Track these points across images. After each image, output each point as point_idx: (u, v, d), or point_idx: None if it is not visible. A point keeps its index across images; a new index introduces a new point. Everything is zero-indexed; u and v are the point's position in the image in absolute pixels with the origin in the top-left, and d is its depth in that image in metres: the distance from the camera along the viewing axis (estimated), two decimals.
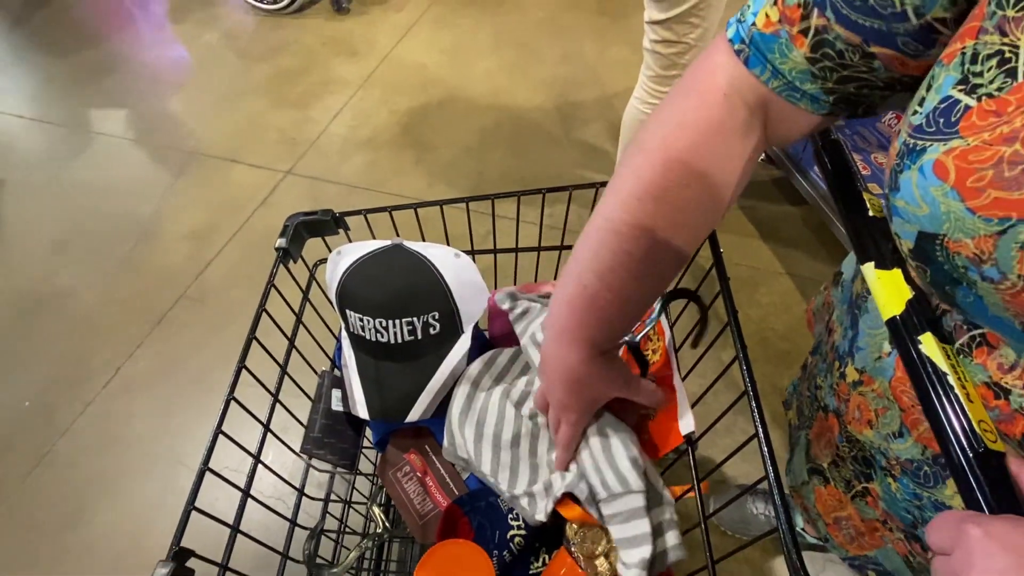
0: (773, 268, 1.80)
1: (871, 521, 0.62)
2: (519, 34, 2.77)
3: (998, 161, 0.30)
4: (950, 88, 0.33)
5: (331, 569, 0.71)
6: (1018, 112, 0.30)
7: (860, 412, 0.57)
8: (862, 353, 0.56)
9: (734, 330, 0.59)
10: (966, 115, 0.32)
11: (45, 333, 1.80)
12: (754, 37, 0.43)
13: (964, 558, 0.32)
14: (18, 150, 2.44)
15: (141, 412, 1.61)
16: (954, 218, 0.33)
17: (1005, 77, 0.30)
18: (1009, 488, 0.36)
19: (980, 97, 0.31)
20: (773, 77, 0.43)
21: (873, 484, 0.58)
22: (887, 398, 0.52)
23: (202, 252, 1.97)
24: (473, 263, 0.75)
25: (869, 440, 0.56)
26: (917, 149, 0.34)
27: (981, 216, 0.32)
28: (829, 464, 0.67)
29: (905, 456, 0.52)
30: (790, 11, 0.40)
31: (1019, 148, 0.30)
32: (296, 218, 0.80)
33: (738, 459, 0.55)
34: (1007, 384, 0.40)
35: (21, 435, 1.58)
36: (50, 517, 1.44)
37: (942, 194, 0.33)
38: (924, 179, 0.34)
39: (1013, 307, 0.34)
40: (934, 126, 0.34)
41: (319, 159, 2.27)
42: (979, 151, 0.31)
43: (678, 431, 0.62)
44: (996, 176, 0.31)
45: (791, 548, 0.46)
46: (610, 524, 0.59)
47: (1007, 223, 0.31)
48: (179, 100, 2.62)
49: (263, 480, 0.67)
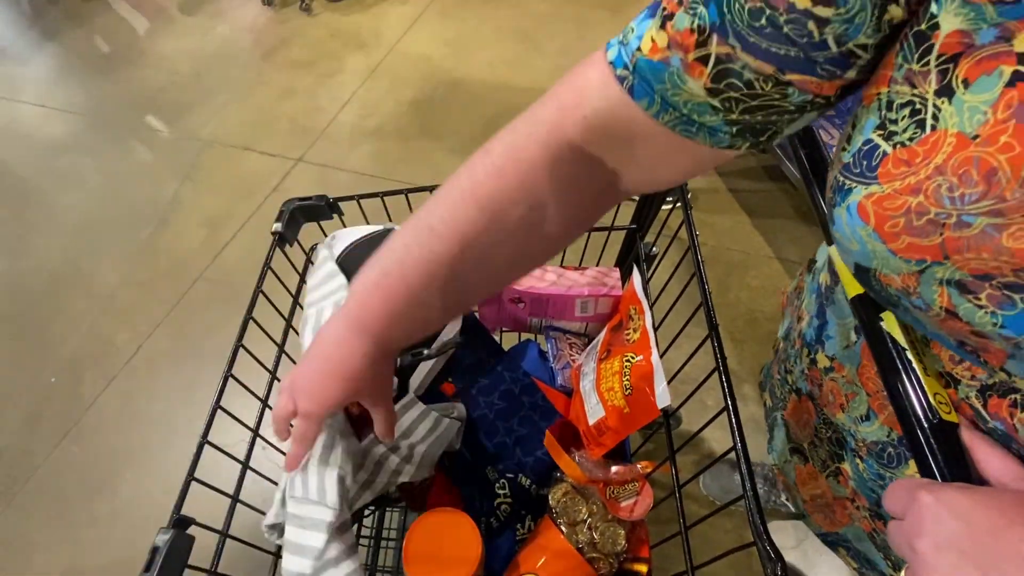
0: (763, 252, 1.86)
1: (841, 499, 0.64)
2: (521, 26, 2.82)
3: (907, 210, 0.31)
4: (871, 131, 0.33)
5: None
6: (923, 163, 0.30)
7: (833, 396, 0.58)
8: (831, 342, 0.58)
9: (707, 311, 0.63)
10: (883, 161, 0.32)
11: (70, 313, 1.88)
12: (639, 64, 0.37)
13: (915, 523, 0.33)
14: (40, 138, 2.52)
15: (162, 388, 1.69)
16: (879, 256, 0.34)
17: (916, 128, 0.30)
18: (961, 457, 0.37)
19: (895, 144, 0.32)
20: (663, 111, 0.37)
21: (844, 464, 0.60)
22: (855, 383, 0.54)
23: (218, 237, 2.05)
24: None
25: (841, 423, 0.57)
26: (845, 188, 0.35)
27: (901, 257, 0.32)
28: (808, 444, 0.68)
29: (872, 438, 0.53)
30: (681, 36, 0.35)
31: (922, 200, 0.30)
32: (292, 203, 0.82)
33: (728, 435, 0.56)
34: (957, 375, 0.40)
35: (49, 409, 1.67)
36: (78, 486, 1.53)
37: (866, 235, 0.34)
38: (851, 218, 0.34)
39: (944, 329, 0.35)
40: (859, 167, 0.34)
41: (329, 147, 2.34)
42: (892, 199, 0.32)
43: (655, 405, 0.64)
44: (907, 224, 0.31)
45: (755, 512, 0.48)
46: (288, 523, 0.58)
47: (923, 264, 0.32)
48: (194, 90, 2.69)
49: (268, 455, 0.72)
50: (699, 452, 1.41)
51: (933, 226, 0.30)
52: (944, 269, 0.31)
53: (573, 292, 0.82)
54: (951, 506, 0.32)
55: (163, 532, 0.55)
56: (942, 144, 0.29)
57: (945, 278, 0.31)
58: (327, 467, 0.59)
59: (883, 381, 0.42)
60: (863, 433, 0.54)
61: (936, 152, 0.30)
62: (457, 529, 0.63)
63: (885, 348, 0.42)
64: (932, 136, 0.30)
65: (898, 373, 0.41)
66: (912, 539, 0.32)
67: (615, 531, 0.64)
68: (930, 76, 0.29)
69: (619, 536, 0.64)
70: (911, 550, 0.33)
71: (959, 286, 0.31)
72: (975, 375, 0.39)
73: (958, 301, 0.32)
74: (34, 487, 1.53)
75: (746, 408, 1.48)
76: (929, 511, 0.32)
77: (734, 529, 1.29)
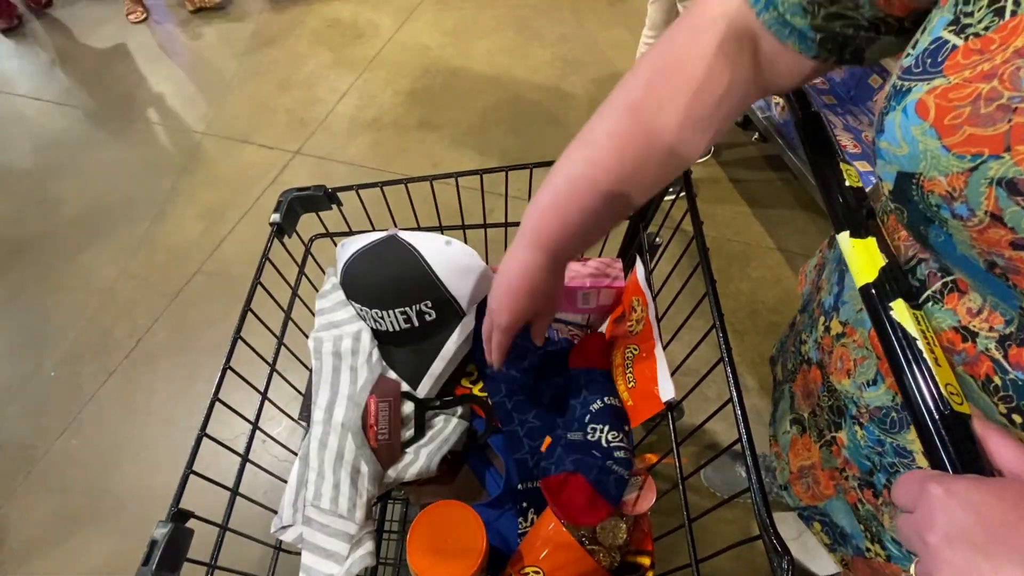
0: (765, 243, 1.85)
1: (830, 470, 0.65)
2: (520, 16, 2.80)
3: (976, 98, 0.31)
4: (942, 29, 0.34)
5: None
6: (1000, 49, 0.30)
7: (841, 363, 0.58)
8: (846, 306, 0.58)
9: (712, 299, 0.62)
10: (951, 55, 0.33)
11: (69, 307, 1.88)
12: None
13: (926, 516, 0.32)
14: (37, 132, 2.51)
15: (162, 381, 1.69)
16: (930, 156, 0.34)
17: (993, 16, 0.31)
18: (973, 449, 0.36)
19: (967, 36, 0.32)
20: (766, 9, 0.43)
21: (840, 433, 0.60)
22: (866, 347, 0.54)
23: (216, 229, 2.04)
24: (467, 248, 0.76)
25: (845, 389, 0.58)
26: (903, 90, 0.35)
27: (955, 153, 0.33)
28: (809, 414, 0.68)
29: (875, 403, 0.53)
30: None
31: (996, 85, 0.30)
32: (289, 193, 0.80)
33: (730, 427, 0.56)
34: (974, 328, 0.40)
35: (50, 403, 1.67)
36: (80, 478, 1.53)
37: (921, 133, 0.34)
38: (907, 119, 0.35)
39: (979, 244, 0.35)
40: (921, 67, 0.34)
41: (327, 139, 2.33)
42: (959, 89, 0.32)
43: (658, 397, 0.64)
44: (972, 113, 0.31)
45: (761, 506, 0.48)
46: (311, 527, 0.64)
47: (979, 159, 0.32)
48: (191, 83, 2.68)
49: (268, 449, 0.72)
50: (700, 444, 1.41)
51: (1003, 112, 0.31)
52: (1000, 164, 0.31)
53: (575, 283, 0.81)
54: (962, 498, 0.31)
55: (161, 525, 0.54)
56: (1022, 28, 0.30)
57: (997, 176, 0.31)
58: (356, 489, 0.66)
59: (893, 373, 0.41)
60: (867, 399, 0.54)
61: (1016, 36, 0.30)
62: (461, 522, 0.63)
63: (895, 339, 0.42)
64: (1012, 21, 0.30)
65: (908, 364, 0.40)
66: (923, 532, 0.32)
67: (616, 524, 0.64)
68: None
69: (620, 530, 0.64)
70: (922, 543, 0.32)
71: (1010, 187, 0.31)
72: (993, 326, 0.39)
73: (1005, 204, 0.32)
74: (34, 480, 1.53)
75: (747, 399, 1.44)
76: (940, 503, 0.32)
77: (735, 520, 1.29)
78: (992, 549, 0.29)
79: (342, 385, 0.73)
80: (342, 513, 0.64)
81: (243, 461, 0.69)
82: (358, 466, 0.67)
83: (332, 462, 0.67)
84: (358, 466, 0.67)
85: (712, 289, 0.64)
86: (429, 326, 0.75)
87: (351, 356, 0.75)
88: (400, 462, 0.70)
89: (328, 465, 0.67)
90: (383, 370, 0.74)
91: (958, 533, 0.30)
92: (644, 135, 0.50)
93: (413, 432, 0.73)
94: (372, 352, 0.75)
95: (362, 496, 0.66)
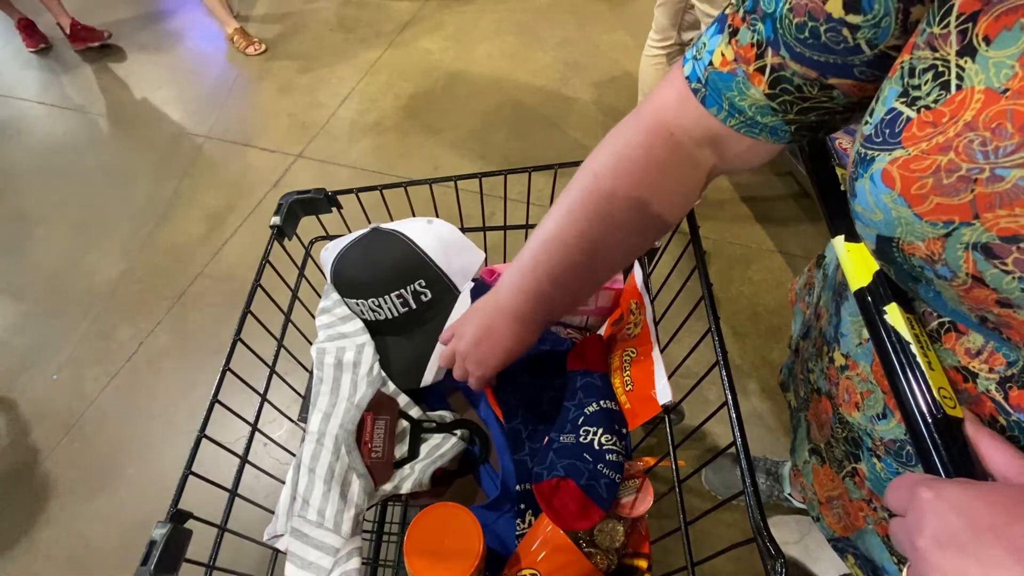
0: (765, 246, 1.85)
1: (858, 502, 0.63)
2: (521, 20, 2.81)
3: (936, 169, 0.31)
4: (894, 100, 0.34)
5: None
6: (951, 123, 0.31)
7: (848, 395, 0.57)
8: (846, 339, 0.57)
9: (708, 303, 0.62)
10: (907, 126, 0.33)
11: (71, 310, 1.88)
12: (711, 76, 0.44)
13: (916, 520, 0.32)
14: (39, 136, 2.52)
15: (163, 385, 1.70)
16: (904, 223, 0.34)
17: (940, 90, 0.31)
18: (965, 452, 0.36)
19: (919, 109, 0.32)
20: (730, 116, 0.45)
21: (860, 464, 0.59)
22: (870, 381, 0.53)
23: (218, 233, 2.05)
24: (448, 223, 0.77)
25: (856, 422, 0.57)
26: (867, 159, 0.35)
27: (927, 220, 0.32)
28: (825, 445, 0.67)
29: (889, 436, 0.52)
30: (744, 50, 0.41)
31: (953, 157, 0.31)
32: (290, 196, 0.81)
33: (729, 429, 0.56)
34: (974, 368, 0.40)
35: (52, 406, 1.67)
36: (81, 481, 1.54)
37: (891, 201, 0.34)
38: (875, 187, 0.35)
39: (967, 302, 0.35)
40: (881, 136, 0.35)
41: (328, 143, 2.34)
42: (919, 160, 0.32)
43: (655, 400, 0.64)
44: (936, 184, 0.31)
45: (754, 508, 0.48)
46: (296, 538, 0.63)
47: (951, 226, 0.32)
48: (193, 86, 2.69)
49: (268, 451, 0.72)
50: (701, 446, 1.41)
51: (964, 183, 0.31)
52: (972, 231, 0.31)
53: None
54: (952, 502, 0.31)
55: (160, 526, 0.55)
56: (969, 102, 0.30)
57: (972, 241, 0.31)
58: (346, 502, 0.65)
59: (886, 376, 0.41)
60: (880, 432, 0.53)
61: (964, 110, 0.30)
62: (459, 523, 0.63)
63: (889, 343, 0.42)
64: (958, 95, 0.31)
65: (901, 367, 0.40)
66: (913, 536, 0.32)
67: (613, 527, 0.64)
68: (950, 37, 0.31)
69: (617, 532, 0.64)
70: (912, 547, 0.32)
71: (985, 250, 0.31)
72: (993, 367, 0.38)
73: (984, 267, 0.32)
74: (37, 484, 1.54)
75: (748, 402, 1.47)
76: (930, 507, 0.32)
77: (735, 523, 1.29)
78: (981, 553, 0.29)
79: (341, 397, 0.73)
80: (328, 526, 0.64)
81: (242, 462, 0.69)
82: (349, 480, 0.67)
83: (323, 474, 0.66)
84: (349, 480, 0.67)
85: (708, 293, 0.64)
86: (426, 306, 0.76)
87: (352, 369, 0.75)
88: (393, 479, 0.70)
89: (319, 477, 0.66)
90: (383, 383, 0.75)
91: (947, 537, 0.30)
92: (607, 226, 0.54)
93: (407, 451, 0.72)
94: (374, 366, 0.75)
95: (351, 510, 0.65)
